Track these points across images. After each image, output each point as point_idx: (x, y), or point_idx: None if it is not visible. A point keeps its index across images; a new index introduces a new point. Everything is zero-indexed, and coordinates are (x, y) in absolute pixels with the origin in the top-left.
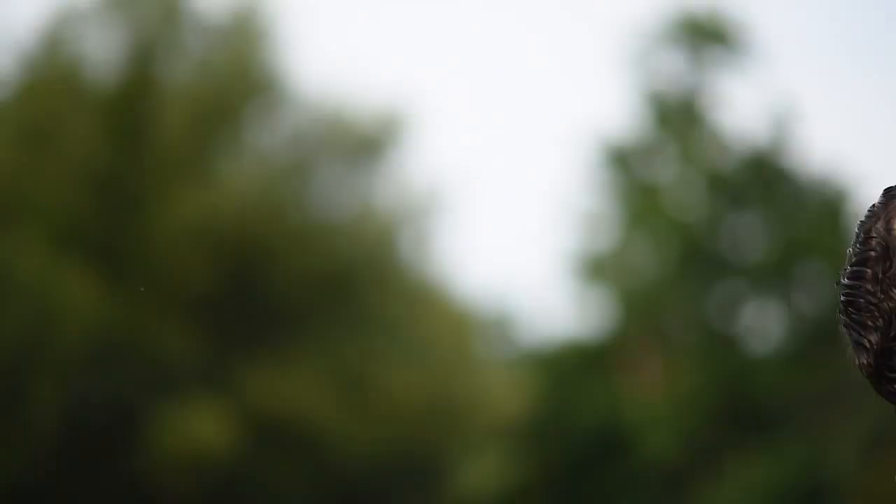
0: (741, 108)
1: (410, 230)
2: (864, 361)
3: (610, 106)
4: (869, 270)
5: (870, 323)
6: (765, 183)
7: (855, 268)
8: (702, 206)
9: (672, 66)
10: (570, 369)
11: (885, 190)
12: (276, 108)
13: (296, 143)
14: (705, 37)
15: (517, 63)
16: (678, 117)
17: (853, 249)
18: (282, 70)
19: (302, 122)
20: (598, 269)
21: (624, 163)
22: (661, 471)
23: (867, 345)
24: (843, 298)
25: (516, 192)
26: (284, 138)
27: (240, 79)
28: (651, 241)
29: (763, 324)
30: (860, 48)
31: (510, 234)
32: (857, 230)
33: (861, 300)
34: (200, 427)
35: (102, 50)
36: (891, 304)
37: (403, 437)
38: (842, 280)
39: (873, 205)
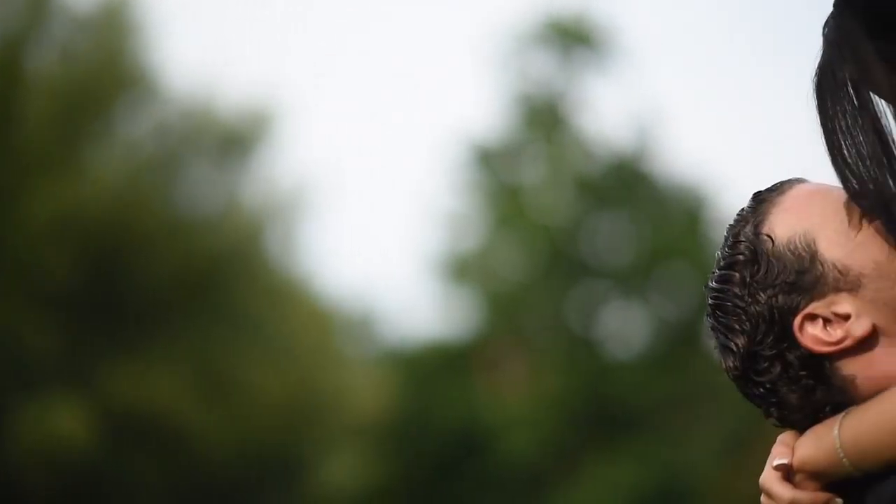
0: (607, 111)
1: (277, 227)
2: (731, 364)
3: (477, 107)
4: (737, 274)
5: (737, 326)
6: (629, 187)
7: (723, 271)
8: (566, 209)
9: (539, 69)
10: (433, 369)
11: (755, 194)
12: (145, 102)
13: (163, 137)
14: (573, 40)
15: (386, 62)
16: (544, 120)
17: (721, 253)
18: (151, 64)
19: (170, 117)
20: (462, 269)
21: (490, 164)
22: (521, 471)
23: (734, 348)
24: (710, 302)
25: (383, 191)
26: (152, 133)
27: (108, 72)
28: (515, 243)
29: (625, 327)
30: (725, 55)
31: (376, 233)
32: (725, 234)
33: (728, 303)
34: (60, 423)
35: None
36: (758, 308)
37: (265, 435)
38: (710, 283)
39: (742, 208)
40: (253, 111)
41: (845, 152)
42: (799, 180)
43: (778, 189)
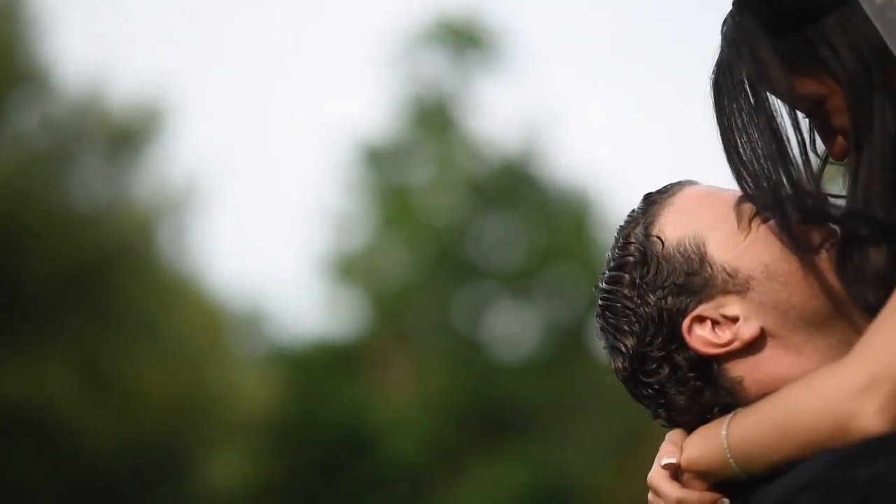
0: (498, 113)
1: (167, 223)
2: (620, 365)
3: (367, 106)
4: (626, 275)
5: (626, 327)
6: (517, 188)
7: (612, 272)
8: (455, 210)
9: (430, 69)
10: (319, 368)
11: (645, 195)
12: (35, 97)
13: (53, 132)
14: (464, 41)
15: (278, 59)
16: (434, 120)
17: (611, 254)
18: (42, 58)
19: (60, 112)
20: (349, 268)
21: (378, 164)
22: (407, 472)
23: (623, 349)
24: (600, 302)
25: (272, 189)
26: (42, 127)
27: None
28: (403, 243)
29: (511, 328)
30: (616, 57)
31: (265, 231)
32: (616, 235)
33: (618, 304)
34: None
35: None
36: (647, 310)
37: (151, 433)
38: (599, 284)
39: (633, 210)
40: (144, 106)
41: (741, 150)
42: (689, 182)
43: (668, 191)
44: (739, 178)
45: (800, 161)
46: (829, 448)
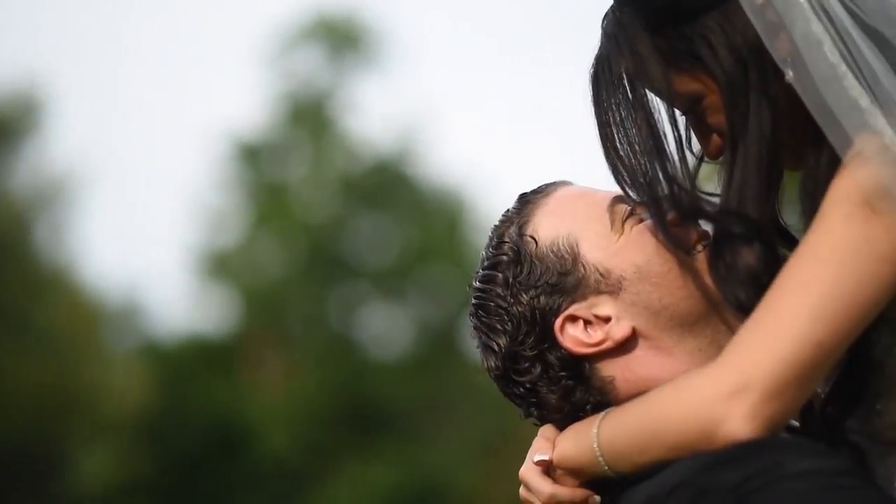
0: (375, 112)
1: (41, 217)
2: (492, 364)
3: (245, 103)
4: (500, 274)
5: (499, 326)
6: (392, 187)
7: (486, 271)
8: (330, 209)
9: (307, 67)
10: (192, 365)
11: (520, 195)
12: None
13: None
14: (342, 39)
15: (157, 54)
16: (310, 118)
17: (486, 253)
18: None
19: None
20: (224, 265)
21: (254, 161)
22: (279, 470)
23: (495, 348)
24: (473, 301)
25: (148, 183)
26: None
27: None
28: (277, 241)
29: (385, 327)
30: (493, 58)
31: (141, 226)
32: (490, 234)
33: (491, 304)
34: None
35: None
36: (520, 309)
37: (19, 427)
38: (473, 283)
39: (508, 209)
40: (19, 99)
41: (618, 145)
42: (564, 183)
43: (543, 191)
44: (616, 173)
45: (676, 158)
46: (699, 451)
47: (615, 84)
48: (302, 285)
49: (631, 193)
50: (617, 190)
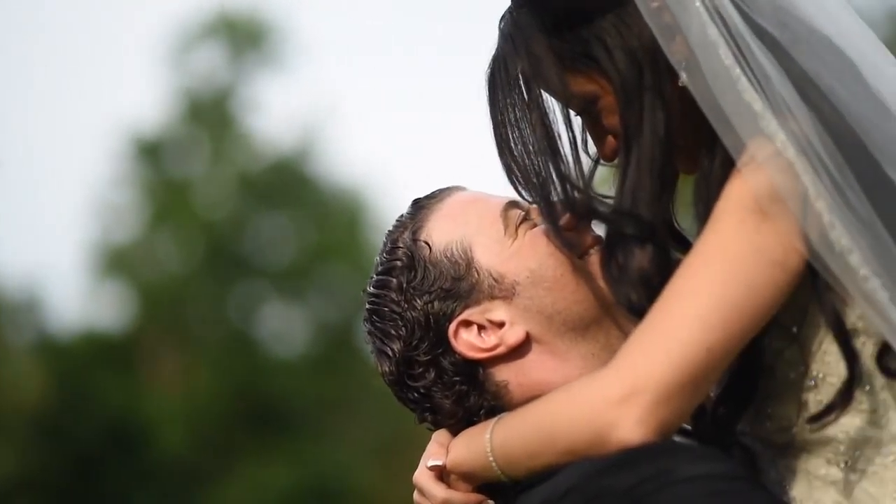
0: (276, 110)
1: None
2: (387, 369)
3: (144, 100)
4: (394, 280)
5: (393, 332)
6: (293, 186)
7: (380, 277)
8: (229, 206)
9: (208, 64)
10: (90, 361)
11: (414, 200)
12: None
13: None
14: (245, 36)
15: (56, 48)
16: (210, 115)
17: (380, 258)
18: None
19: None
20: (122, 261)
21: (154, 158)
22: (175, 469)
23: (390, 353)
24: (367, 307)
25: (48, 178)
26: None
27: None
28: (176, 238)
29: (283, 326)
30: (399, 59)
31: (38, 220)
32: (384, 239)
33: (385, 309)
34: None
35: None
36: (414, 314)
37: None
38: (368, 289)
39: (402, 215)
40: None
41: (512, 145)
42: (458, 188)
43: (437, 196)
44: (510, 173)
45: (570, 159)
46: (591, 456)
47: (511, 84)
48: (201, 283)
49: (524, 194)
50: (511, 195)
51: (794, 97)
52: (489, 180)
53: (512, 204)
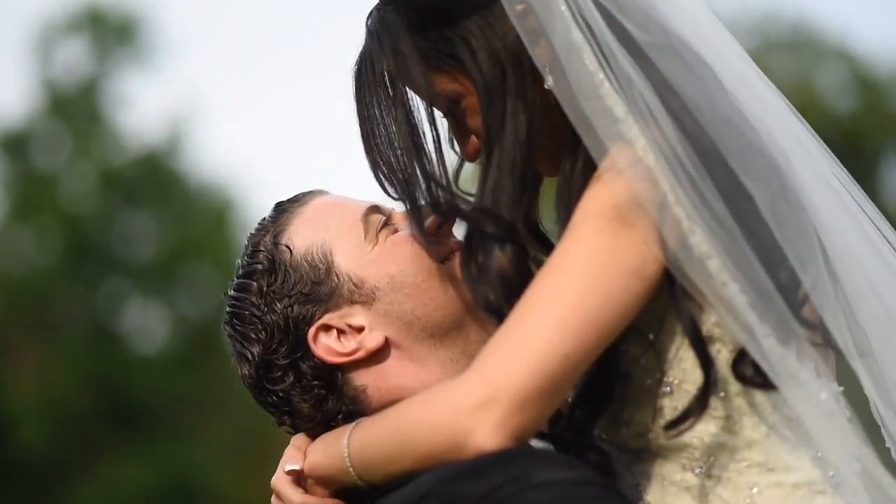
0: (143, 105)
1: None
2: (246, 372)
3: (10, 92)
4: (255, 283)
5: (252, 335)
6: (158, 182)
7: (241, 280)
8: (93, 202)
9: (74, 57)
10: None
11: (276, 204)
12: None
13: None
14: (111, 31)
15: None
16: (76, 110)
17: (241, 261)
18: None
19: None
20: None
21: (18, 150)
22: (35, 465)
23: (249, 356)
24: (228, 310)
25: None
26: None
27: None
28: (39, 232)
29: (147, 323)
30: (268, 56)
31: None
32: (246, 243)
33: (246, 312)
34: None
35: None
36: (273, 318)
37: None
38: (229, 292)
39: (264, 218)
40: None
41: (378, 141)
42: (321, 192)
43: (300, 200)
44: (376, 169)
45: (434, 157)
46: (447, 462)
47: (377, 81)
48: (63, 278)
49: (390, 191)
50: (373, 199)
51: (656, 103)
52: (356, 180)
53: (373, 209)
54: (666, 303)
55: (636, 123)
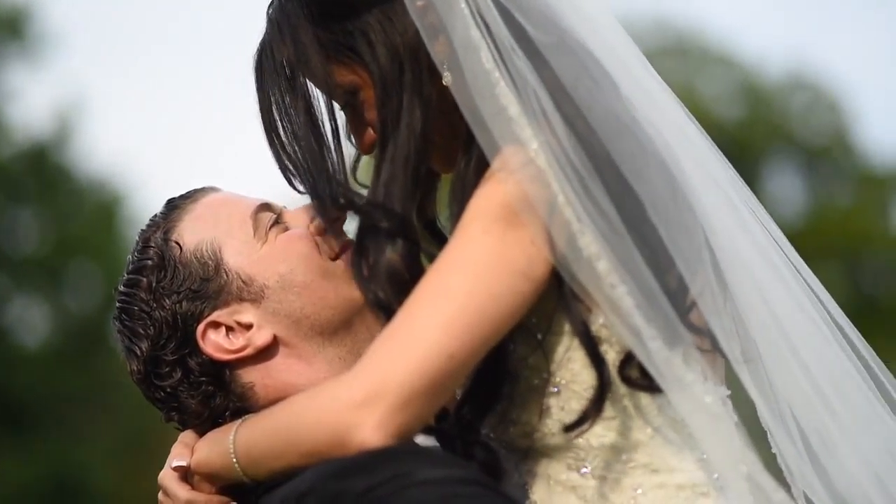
0: (30, 98)
1: None
2: (135, 368)
3: None
4: (144, 279)
5: (141, 331)
6: (46, 178)
7: (131, 276)
8: None
9: None
10: None
11: (168, 201)
12: None
13: None
14: None
15: None
16: None
17: (132, 257)
18: None
19: None
20: None
21: None
22: None
23: (138, 352)
24: (117, 305)
25: None
26: None
27: None
28: None
29: (31, 319)
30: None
31: None
32: (137, 238)
33: (135, 308)
34: None
35: None
36: (162, 314)
37: None
38: (119, 287)
39: (155, 214)
40: None
41: (280, 131)
42: (213, 189)
43: (191, 197)
44: (277, 157)
45: (332, 148)
46: (331, 458)
47: (277, 71)
48: None
49: (293, 180)
50: (263, 197)
51: (550, 104)
52: (247, 173)
53: (264, 206)
54: (555, 303)
55: (529, 124)
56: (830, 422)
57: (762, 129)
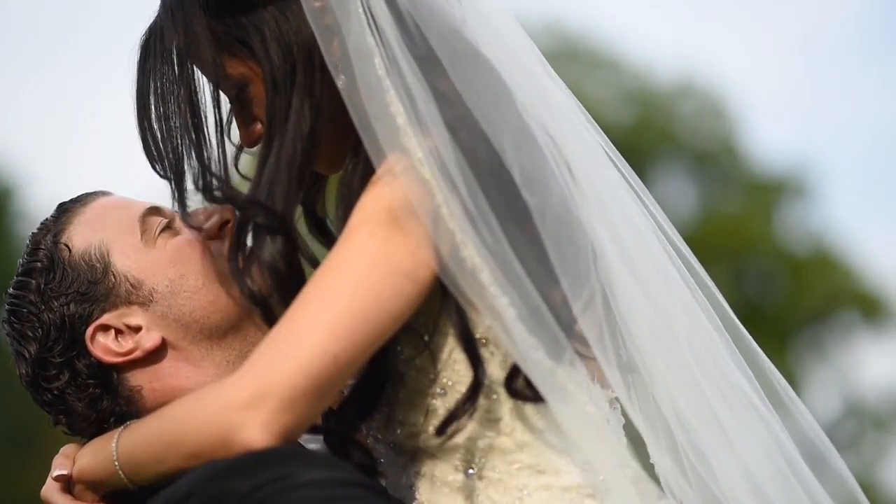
0: None
1: None
2: (24, 371)
3: None
4: (33, 281)
5: (30, 333)
6: None
7: (21, 278)
8: None
9: None
10: None
11: (59, 204)
12: None
13: None
14: None
15: None
16: None
17: (22, 260)
18: None
19: None
20: None
21: None
22: None
23: (26, 354)
24: (7, 307)
25: None
26: None
27: None
28: None
29: None
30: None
31: None
32: (28, 241)
33: (24, 310)
34: None
35: None
36: (50, 316)
37: None
38: (9, 290)
39: (47, 218)
40: None
41: (153, 115)
42: (104, 193)
43: (82, 200)
44: (145, 144)
45: (214, 141)
46: (214, 460)
47: (164, 57)
48: None
49: (157, 167)
50: (153, 201)
51: (436, 115)
52: (141, 178)
53: (153, 210)
54: (440, 305)
55: (415, 134)
56: (714, 432)
57: (650, 134)
